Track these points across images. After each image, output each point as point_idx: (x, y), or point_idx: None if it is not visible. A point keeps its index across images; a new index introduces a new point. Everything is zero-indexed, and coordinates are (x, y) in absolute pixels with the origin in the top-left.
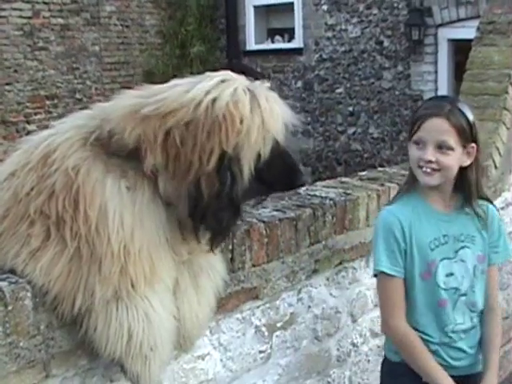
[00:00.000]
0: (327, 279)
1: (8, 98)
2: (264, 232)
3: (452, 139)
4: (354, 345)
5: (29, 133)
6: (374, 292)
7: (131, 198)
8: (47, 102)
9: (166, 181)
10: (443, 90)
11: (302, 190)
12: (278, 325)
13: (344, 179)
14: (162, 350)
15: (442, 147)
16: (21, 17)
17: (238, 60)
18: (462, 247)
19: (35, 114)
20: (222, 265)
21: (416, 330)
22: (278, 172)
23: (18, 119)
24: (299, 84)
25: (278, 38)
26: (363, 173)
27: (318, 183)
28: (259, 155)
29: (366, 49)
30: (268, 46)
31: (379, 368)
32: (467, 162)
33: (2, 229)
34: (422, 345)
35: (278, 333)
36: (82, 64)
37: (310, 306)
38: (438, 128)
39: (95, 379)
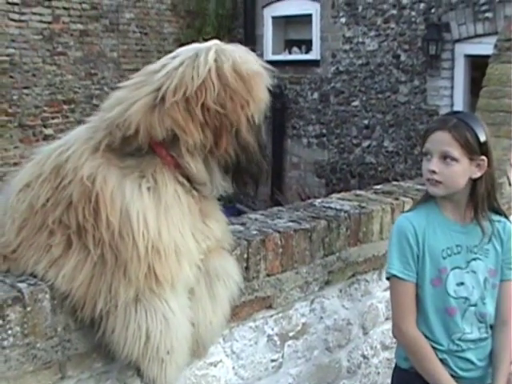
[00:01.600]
0: (340, 291)
1: (26, 101)
2: (279, 242)
3: (456, 151)
4: (364, 357)
5: (45, 137)
6: (385, 305)
7: (153, 197)
8: (64, 107)
9: (199, 158)
10: (459, 106)
11: (317, 202)
12: (290, 334)
13: (359, 192)
14: (178, 353)
15: (446, 158)
16: (41, 21)
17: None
18: (474, 259)
19: (52, 118)
20: (238, 272)
21: (425, 336)
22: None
23: (35, 123)
24: (315, 96)
25: (295, 49)
26: (378, 186)
27: (333, 195)
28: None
29: (383, 62)
30: (285, 56)
31: (388, 381)
32: (477, 175)
33: (20, 239)
34: (431, 350)
35: (289, 342)
36: (99, 70)
37: (322, 317)
38: (441, 140)
39: (109, 382)
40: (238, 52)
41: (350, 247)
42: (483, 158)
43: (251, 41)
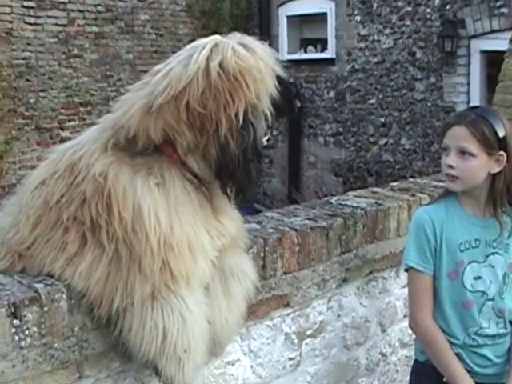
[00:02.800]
0: (357, 288)
1: (42, 104)
2: (296, 240)
3: (473, 146)
4: (382, 354)
5: (62, 139)
6: (403, 302)
7: (163, 194)
8: (81, 109)
9: (199, 158)
10: (475, 102)
11: (333, 199)
12: (308, 332)
13: (375, 189)
14: (196, 352)
15: (463, 153)
16: (56, 24)
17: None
18: (493, 253)
19: (69, 120)
20: (253, 270)
21: (442, 329)
22: (285, 101)
23: (52, 125)
24: (331, 94)
25: (310, 48)
26: (394, 183)
27: (349, 193)
28: (271, 95)
29: (399, 60)
30: (301, 56)
31: (407, 378)
32: (496, 170)
33: (34, 236)
34: (446, 343)
35: (307, 340)
36: (115, 72)
37: (339, 315)
38: (458, 135)
39: (127, 382)
40: (236, 47)
41: (366, 244)
42: (502, 153)
43: (266, 40)
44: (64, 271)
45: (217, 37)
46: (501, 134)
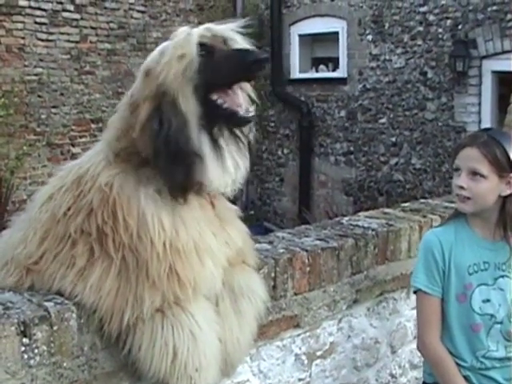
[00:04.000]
0: (368, 309)
1: (54, 120)
2: (306, 261)
3: (484, 168)
4: (392, 376)
5: (73, 155)
6: (414, 323)
7: (165, 200)
8: (92, 126)
9: None
10: (486, 122)
11: (344, 220)
12: (318, 353)
13: (386, 210)
14: (207, 370)
15: (475, 174)
16: (68, 41)
17: (281, 88)
18: (502, 276)
19: (80, 137)
20: (264, 289)
21: (449, 351)
22: (228, 68)
23: (64, 142)
24: (342, 113)
25: (322, 67)
26: (406, 204)
27: (360, 213)
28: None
29: (410, 79)
30: (312, 74)
31: None
32: (507, 192)
33: (42, 250)
34: (454, 365)
35: (317, 361)
36: (127, 89)
37: (349, 336)
38: (470, 157)
39: None
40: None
41: (377, 265)
42: None
43: (278, 59)
44: (75, 286)
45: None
46: None
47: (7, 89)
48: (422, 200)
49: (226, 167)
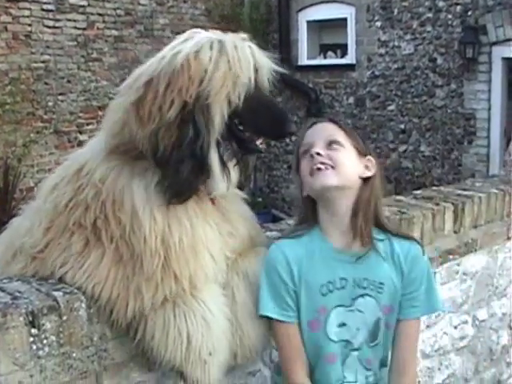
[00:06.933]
0: None
1: (61, 107)
2: None
3: (341, 137)
4: None
5: (80, 143)
6: None
7: (158, 193)
8: (99, 113)
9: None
10: (496, 109)
11: None
12: None
13: (398, 198)
14: (220, 353)
15: (332, 143)
16: (75, 28)
17: (289, 75)
18: (362, 295)
19: (87, 124)
20: None
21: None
22: (263, 119)
23: (71, 129)
24: (351, 100)
25: (330, 53)
26: (418, 191)
27: None
28: (231, 102)
29: (419, 66)
30: (320, 61)
31: None
32: (366, 174)
33: (46, 240)
34: None
35: None
36: None
37: None
38: (324, 128)
39: None
40: (205, 43)
41: None
42: (370, 158)
43: (286, 46)
44: (74, 272)
45: (197, 30)
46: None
47: (14, 76)
48: (434, 187)
49: (229, 180)
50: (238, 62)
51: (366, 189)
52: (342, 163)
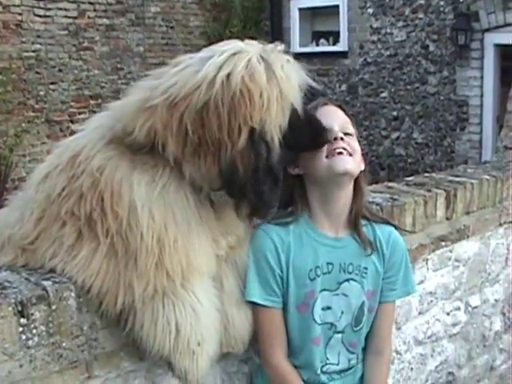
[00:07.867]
0: None
1: (52, 97)
2: None
3: (351, 127)
4: (397, 352)
5: (72, 132)
6: (418, 299)
7: (159, 192)
8: (91, 102)
9: (193, 166)
10: (489, 96)
11: None
12: None
13: (390, 184)
14: (208, 344)
15: (347, 133)
16: (66, 17)
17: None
18: (348, 280)
19: (79, 113)
20: None
21: (293, 365)
22: (303, 135)
23: (62, 118)
24: (343, 87)
25: (322, 41)
26: (410, 178)
27: None
28: (280, 125)
29: (411, 53)
30: (313, 48)
31: (422, 377)
32: (362, 166)
33: (38, 230)
34: (299, 382)
35: None
36: (126, 64)
37: None
38: (338, 114)
39: (137, 381)
40: (254, 61)
41: None
42: None
43: (278, 33)
44: (65, 264)
45: (239, 44)
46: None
47: (5, 65)
48: (426, 174)
49: None
50: (288, 85)
51: (362, 180)
52: (358, 151)
